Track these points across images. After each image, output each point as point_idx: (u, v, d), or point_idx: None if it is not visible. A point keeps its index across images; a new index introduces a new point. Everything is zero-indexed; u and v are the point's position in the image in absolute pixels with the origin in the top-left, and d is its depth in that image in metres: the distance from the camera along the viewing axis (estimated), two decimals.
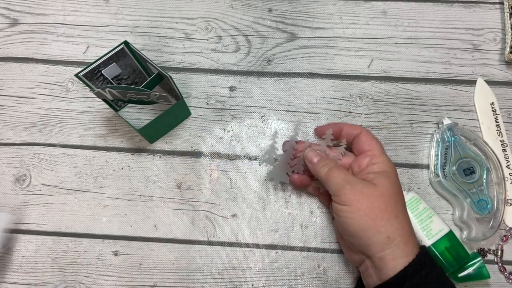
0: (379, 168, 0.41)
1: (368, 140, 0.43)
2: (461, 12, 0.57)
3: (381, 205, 0.38)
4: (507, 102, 0.52)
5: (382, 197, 0.38)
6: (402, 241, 0.37)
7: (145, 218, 0.49)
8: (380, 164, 0.41)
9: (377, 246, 0.37)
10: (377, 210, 0.37)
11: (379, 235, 0.37)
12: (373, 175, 0.40)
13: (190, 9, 0.58)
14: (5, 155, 0.52)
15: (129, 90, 0.43)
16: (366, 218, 0.37)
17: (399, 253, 0.37)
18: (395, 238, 0.37)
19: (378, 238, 0.37)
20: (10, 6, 0.59)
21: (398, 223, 0.38)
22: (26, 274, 0.48)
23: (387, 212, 0.38)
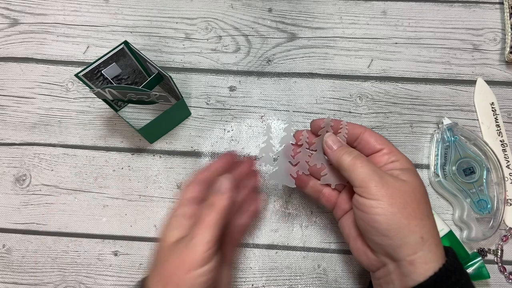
0: (402, 165, 0.37)
1: (378, 138, 0.39)
2: (461, 12, 0.57)
3: (414, 203, 0.34)
4: (507, 102, 0.52)
5: (414, 194, 0.35)
6: (434, 243, 0.34)
7: (145, 218, 0.49)
8: (401, 161, 0.37)
9: (409, 248, 0.33)
10: (411, 208, 0.34)
11: (413, 235, 0.33)
12: (399, 172, 0.36)
13: (190, 9, 0.58)
14: (5, 155, 0.52)
15: (129, 90, 0.43)
16: (399, 215, 0.33)
17: (431, 256, 0.33)
18: (428, 239, 0.33)
19: (411, 238, 0.33)
20: (10, 6, 0.59)
21: (429, 223, 0.34)
22: (26, 274, 0.48)
23: (419, 210, 0.34)
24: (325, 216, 0.49)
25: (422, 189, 0.36)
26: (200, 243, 0.34)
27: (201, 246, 0.34)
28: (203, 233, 0.34)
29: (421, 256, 0.33)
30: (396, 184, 0.35)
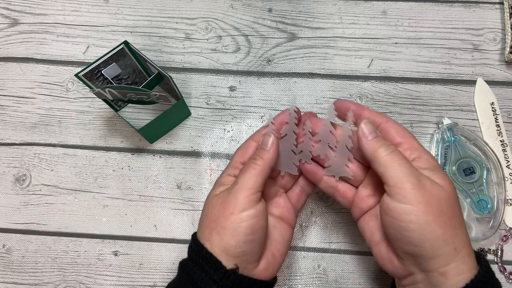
0: (428, 164, 0.34)
1: (400, 130, 0.36)
2: (461, 12, 0.57)
3: (449, 210, 0.32)
4: (507, 102, 0.52)
5: (450, 201, 0.32)
6: (467, 253, 0.32)
7: (145, 218, 0.49)
8: (425, 158, 0.34)
9: (443, 259, 0.31)
10: (446, 217, 0.31)
11: (447, 246, 0.31)
12: (429, 172, 0.33)
13: (190, 9, 0.58)
14: (5, 155, 0.52)
15: (129, 90, 0.43)
16: (434, 225, 0.31)
17: (463, 267, 0.31)
18: (461, 250, 0.31)
19: (446, 249, 0.31)
20: (10, 6, 0.59)
21: (462, 232, 0.32)
22: (26, 274, 0.48)
23: (453, 220, 0.32)
24: (325, 216, 0.49)
25: (455, 195, 0.33)
26: (241, 188, 0.35)
27: (242, 192, 0.35)
28: (245, 180, 0.35)
29: (453, 268, 0.31)
30: (433, 189, 0.32)
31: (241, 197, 0.34)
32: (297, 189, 0.42)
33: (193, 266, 0.34)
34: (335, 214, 0.49)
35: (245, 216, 0.34)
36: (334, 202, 0.49)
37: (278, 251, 0.38)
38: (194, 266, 0.34)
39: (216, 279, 0.33)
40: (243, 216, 0.34)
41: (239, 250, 0.34)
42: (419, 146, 0.35)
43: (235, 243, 0.34)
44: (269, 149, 0.37)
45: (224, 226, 0.34)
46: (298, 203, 0.42)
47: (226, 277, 0.33)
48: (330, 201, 0.49)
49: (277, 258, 0.38)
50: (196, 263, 0.34)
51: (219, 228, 0.34)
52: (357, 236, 0.48)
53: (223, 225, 0.34)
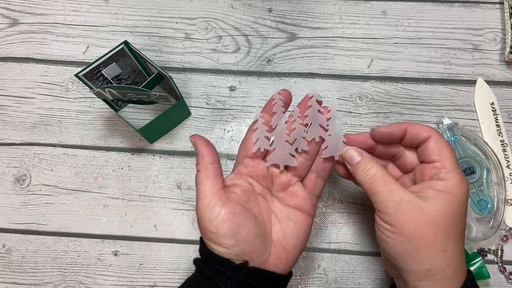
0: (444, 187, 0.34)
1: (439, 148, 0.36)
2: (461, 12, 0.57)
3: (428, 234, 0.32)
4: (507, 102, 0.52)
5: (431, 225, 0.33)
6: (445, 276, 0.33)
7: (145, 218, 0.49)
8: (447, 182, 0.34)
9: (415, 275, 0.33)
10: (424, 240, 0.32)
11: (420, 265, 0.33)
12: (433, 193, 0.34)
13: (190, 9, 0.58)
14: (5, 155, 0.52)
15: (129, 90, 0.43)
16: (408, 245, 0.33)
17: (439, 287, 0.33)
18: (436, 273, 0.33)
19: (417, 268, 0.33)
20: (10, 6, 0.59)
21: (444, 258, 0.33)
22: (26, 274, 0.48)
23: (433, 243, 0.32)
24: (325, 216, 0.49)
25: (447, 221, 0.33)
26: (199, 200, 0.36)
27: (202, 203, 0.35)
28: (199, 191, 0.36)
29: (426, 285, 0.33)
30: (413, 212, 0.33)
31: (203, 208, 0.35)
32: (312, 176, 0.40)
33: (204, 266, 0.35)
34: (335, 214, 0.49)
35: (217, 224, 0.34)
36: (334, 202, 0.49)
37: (291, 244, 0.38)
38: (206, 265, 0.35)
39: (229, 275, 0.34)
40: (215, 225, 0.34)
41: (231, 255, 0.34)
42: (451, 169, 0.35)
43: (223, 249, 0.34)
44: (199, 148, 0.37)
45: (208, 238, 0.35)
46: (316, 189, 0.40)
47: (238, 271, 0.34)
48: (330, 201, 0.49)
49: (290, 252, 0.38)
50: (206, 263, 0.35)
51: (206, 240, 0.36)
52: (357, 236, 0.48)
53: (207, 238, 0.35)
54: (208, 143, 0.38)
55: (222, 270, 0.34)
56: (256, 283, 0.35)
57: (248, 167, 0.39)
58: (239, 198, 0.37)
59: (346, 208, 0.49)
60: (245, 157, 0.39)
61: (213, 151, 0.37)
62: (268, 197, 0.40)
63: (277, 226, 0.39)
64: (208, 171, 0.36)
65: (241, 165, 0.39)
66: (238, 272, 0.34)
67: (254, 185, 0.39)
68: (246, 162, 0.39)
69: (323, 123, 0.39)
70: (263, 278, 0.35)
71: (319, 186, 0.41)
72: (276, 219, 0.39)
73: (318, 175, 0.40)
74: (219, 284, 0.34)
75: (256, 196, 0.39)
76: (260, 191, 0.39)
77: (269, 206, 0.39)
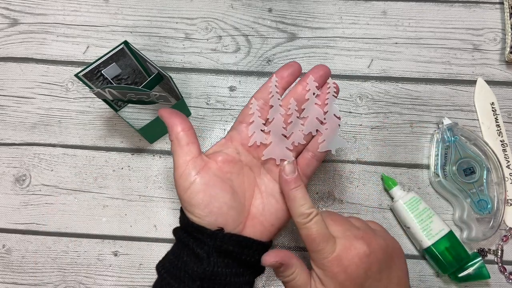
0: (323, 274, 0.35)
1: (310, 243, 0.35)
2: (461, 12, 0.57)
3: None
4: (507, 102, 0.52)
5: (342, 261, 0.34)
6: None
7: (145, 218, 0.49)
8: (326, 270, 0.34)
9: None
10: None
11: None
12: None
13: (190, 9, 0.58)
14: (5, 155, 0.52)
15: (129, 90, 0.43)
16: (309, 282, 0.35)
17: None
18: None
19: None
20: (10, 6, 0.59)
21: None
22: (26, 274, 0.48)
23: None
24: None
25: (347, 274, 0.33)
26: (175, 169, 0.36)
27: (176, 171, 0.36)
28: (174, 160, 0.37)
29: None
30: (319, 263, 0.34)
31: (177, 177, 0.36)
32: (308, 155, 0.39)
33: (182, 233, 0.36)
34: None
35: (191, 193, 0.35)
36: (334, 202, 0.49)
37: (268, 221, 0.37)
38: (184, 233, 0.36)
39: (206, 241, 0.34)
40: (188, 194, 0.35)
41: (204, 223, 0.35)
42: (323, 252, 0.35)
43: (197, 218, 0.35)
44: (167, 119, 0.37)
45: (183, 206, 0.36)
46: (308, 169, 0.39)
47: (214, 238, 0.34)
48: (330, 201, 0.49)
49: (267, 228, 0.37)
50: (185, 231, 0.36)
51: (183, 205, 0.36)
52: None
53: (182, 205, 0.36)
54: (177, 113, 0.38)
55: (199, 237, 0.35)
56: (233, 248, 0.35)
57: (241, 134, 0.38)
58: (218, 168, 0.37)
59: (346, 208, 0.49)
60: (241, 122, 0.38)
61: (183, 120, 0.37)
62: (256, 169, 0.39)
63: (258, 199, 0.38)
64: (179, 140, 0.36)
65: (234, 131, 0.39)
66: (214, 238, 0.34)
67: (241, 154, 0.38)
68: (240, 129, 0.38)
69: (319, 116, 0.39)
70: (240, 243, 0.35)
71: (312, 166, 0.39)
72: (259, 192, 0.38)
73: (314, 154, 0.39)
74: (196, 250, 0.34)
75: (241, 166, 0.38)
76: (248, 162, 0.38)
77: (254, 178, 0.39)
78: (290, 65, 0.39)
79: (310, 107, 0.38)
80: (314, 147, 0.39)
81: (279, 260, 0.34)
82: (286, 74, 0.39)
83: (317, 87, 0.38)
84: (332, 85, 0.38)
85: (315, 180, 0.50)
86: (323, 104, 0.38)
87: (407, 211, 0.46)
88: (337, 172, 0.50)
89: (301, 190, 0.36)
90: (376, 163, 0.51)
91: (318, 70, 0.38)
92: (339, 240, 0.34)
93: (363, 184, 0.50)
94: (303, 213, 0.35)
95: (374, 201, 0.49)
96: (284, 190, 0.36)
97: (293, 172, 0.36)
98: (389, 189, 0.48)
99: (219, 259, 0.34)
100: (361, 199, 0.49)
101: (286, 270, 0.35)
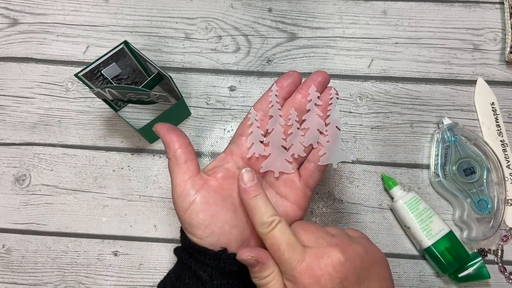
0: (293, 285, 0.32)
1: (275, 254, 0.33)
2: (461, 12, 0.57)
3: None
4: (507, 102, 0.52)
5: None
6: None
7: (145, 218, 0.49)
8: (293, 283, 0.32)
9: None
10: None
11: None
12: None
13: (190, 9, 0.58)
14: (5, 155, 0.52)
15: (129, 90, 0.43)
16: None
17: None
18: None
19: None
20: (10, 6, 0.59)
21: None
22: (26, 274, 0.48)
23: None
24: (325, 216, 0.49)
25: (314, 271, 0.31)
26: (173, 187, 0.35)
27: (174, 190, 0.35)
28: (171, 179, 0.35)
29: None
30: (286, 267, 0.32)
31: (175, 197, 0.34)
32: (310, 166, 0.38)
33: (184, 254, 0.35)
34: (335, 214, 0.49)
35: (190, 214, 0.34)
36: (334, 202, 0.49)
37: None
38: (186, 254, 0.35)
39: (209, 263, 0.33)
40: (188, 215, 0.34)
41: (208, 243, 0.34)
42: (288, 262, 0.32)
43: (198, 239, 0.34)
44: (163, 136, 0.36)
45: (183, 227, 0.35)
46: (311, 181, 0.38)
47: (217, 259, 0.33)
48: (330, 201, 0.49)
49: None
50: (187, 252, 0.35)
51: (183, 226, 0.35)
52: None
53: (183, 226, 0.35)
54: (173, 128, 0.36)
55: (202, 259, 0.33)
56: (237, 268, 0.33)
57: (241, 148, 0.37)
58: (218, 185, 0.35)
59: (346, 208, 0.49)
60: (241, 135, 0.37)
61: (180, 135, 0.35)
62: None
63: None
64: (177, 159, 0.35)
65: (234, 145, 0.37)
66: (217, 259, 0.33)
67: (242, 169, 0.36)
68: (240, 142, 0.37)
69: (321, 127, 0.37)
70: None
71: (315, 178, 0.38)
72: None
73: (316, 165, 0.38)
74: (199, 273, 0.33)
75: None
76: None
77: None
78: (290, 75, 0.38)
79: (311, 118, 0.37)
80: (316, 158, 0.38)
81: (255, 256, 0.31)
82: (286, 84, 0.38)
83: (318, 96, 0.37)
84: (334, 95, 0.37)
85: None
86: (324, 115, 0.37)
87: (407, 211, 0.46)
88: (337, 172, 0.50)
89: (261, 198, 0.34)
90: (376, 163, 0.51)
91: (317, 77, 0.37)
92: (310, 249, 0.32)
93: (363, 184, 0.50)
94: (264, 222, 0.32)
95: (374, 201, 0.49)
96: (243, 199, 0.34)
97: (252, 180, 0.34)
98: (389, 189, 0.48)
99: (223, 280, 0.33)
100: (361, 199, 0.49)
101: (261, 270, 0.32)
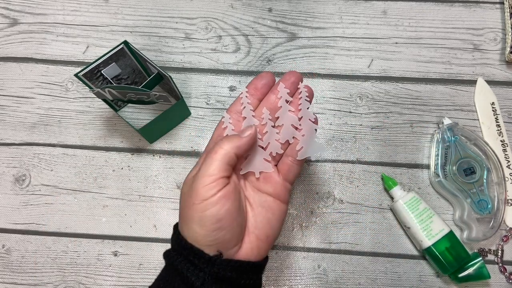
0: None
1: None
2: (461, 12, 0.57)
3: None
4: (508, 102, 0.52)
5: None
6: None
7: (145, 218, 0.49)
8: None
9: None
10: None
11: None
12: None
13: (190, 9, 0.58)
14: (4, 155, 0.52)
15: (129, 90, 0.43)
16: None
17: None
18: None
19: None
20: (10, 5, 0.59)
21: None
22: (26, 274, 0.48)
23: None
24: (325, 216, 0.49)
25: None
26: (201, 176, 0.34)
27: (203, 179, 0.33)
28: (205, 167, 0.34)
29: None
30: None
31: (200, 185, 0.33)
32: (287, 160, 0.38)
33: (177, 257, 0.34)
34: (335, 214, 0.49)
35: (207, 204, 0.33)
36: (334, 202, 0.49)
37: (263, 233, 0.36)
38: (178, 256, 0.34)
39: (202, 267, 0.33)
40: (204, 205, 0.33)
41: (209, 239, 0.33)
42: None
43: (204, 232, 0.33)
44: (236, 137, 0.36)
45: (190, 217, 0.34)
46: (290, 174, 0.38)
47: (212, 264, 0.33)
48: (330, 201, 0.49)
49: (263, 241, 0.36)
50: (179, 254, 0.34)
51: (187, 219, 0.34)
52: (357, 236, 0.48)
53: (189, 216, 0.34)
54: (254, 137, 0.36)
55: (195, 262, 0.33)
56: (231, 274, 0.33)
57: None
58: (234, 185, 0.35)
59: (346, 208, 0.49)
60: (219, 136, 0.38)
61: (248, 147, 0.36)
62: (242, 182, 0.38)
63: (249, 213, 0.37)
64: (230, 159, 0.34)
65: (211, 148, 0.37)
66: (212, 264, 0.33)
67: None
68: None
69: (295, 123, 0.38)
70: (238, 269, 0.34)
71: (294, 171, 0.38)
72: (249, 205, 0.37)
73: (294, 159, 0.38)
74: (191, 279, 0.33)
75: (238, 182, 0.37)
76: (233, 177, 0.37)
77: (244, 192, 0.38)
78: (263, 76, 0.38)
79: (284, 114, 0.38)
80: (293, 153, 0.38)
81: None
82: (260, 85, 0.38)
83: (289, 94, 0.37)
84: (303, 89, 0.37)
85: (315, 180, 0.50)
86: (297, 110, 0.38)
87: (407, 211, 0.46)
88: (337, 172, 0.50)
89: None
90: (376, 163, 0.51)
91: (290, 77, 0.38)
92: None
93: (363, 184, 0.50)
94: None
95: (374, 201, 0.49)
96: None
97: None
98: (389, 189, 0.48)
99: (215, 286, 0.33)
100: (361, 199, 0.49)
101: None
